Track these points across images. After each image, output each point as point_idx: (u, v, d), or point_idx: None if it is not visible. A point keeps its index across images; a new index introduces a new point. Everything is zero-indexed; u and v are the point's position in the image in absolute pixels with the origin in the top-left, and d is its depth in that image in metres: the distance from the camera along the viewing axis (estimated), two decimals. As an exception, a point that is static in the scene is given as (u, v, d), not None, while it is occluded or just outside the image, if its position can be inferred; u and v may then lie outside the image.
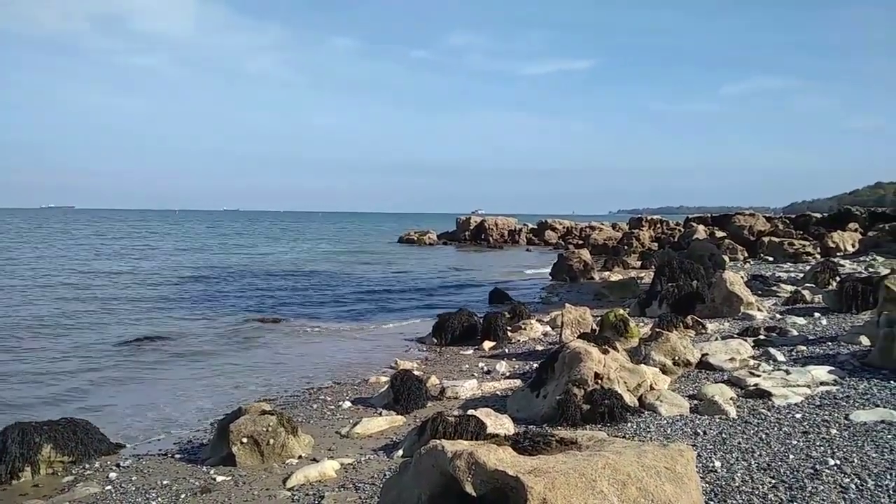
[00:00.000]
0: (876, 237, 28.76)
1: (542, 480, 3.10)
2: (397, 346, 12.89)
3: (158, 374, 10.66)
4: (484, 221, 54.67)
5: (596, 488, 3.12)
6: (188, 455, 6.80)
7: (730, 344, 9.21)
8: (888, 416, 6.12)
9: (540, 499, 3.04)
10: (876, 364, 8.01)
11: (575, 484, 3.11)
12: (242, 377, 10.51)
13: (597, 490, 3.12)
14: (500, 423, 6.45)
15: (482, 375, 9.72)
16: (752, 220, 35.08)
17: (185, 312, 17.16)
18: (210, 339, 13.71)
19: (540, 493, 3.05)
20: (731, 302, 12.72)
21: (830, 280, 15.73)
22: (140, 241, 52.64)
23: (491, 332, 12.35)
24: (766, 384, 7.33)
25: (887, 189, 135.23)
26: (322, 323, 15.86)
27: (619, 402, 6.68)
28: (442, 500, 3.38)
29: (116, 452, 6.96)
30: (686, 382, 8.08)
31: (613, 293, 17.73)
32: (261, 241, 57.70)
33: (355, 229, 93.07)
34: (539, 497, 3.04)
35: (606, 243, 40.99)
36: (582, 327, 10.88)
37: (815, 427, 5.99)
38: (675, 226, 44.11)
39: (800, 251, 26.49)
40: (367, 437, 7.10)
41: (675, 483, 3.29)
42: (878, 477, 4.76)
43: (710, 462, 5.25)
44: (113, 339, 13.41)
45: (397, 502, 3.71)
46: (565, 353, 7.36)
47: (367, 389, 9.24)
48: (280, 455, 6.37)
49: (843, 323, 11.04)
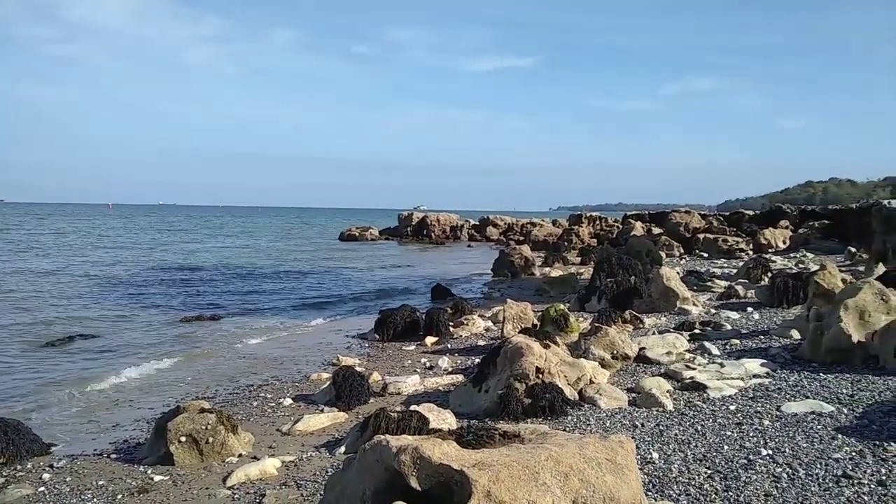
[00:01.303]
0: (806, 234, 29.76)
1: (487, 473, 3.11)
2: (339, 342, 12.79)
3: (92, 374, 10.35)
4: (426, 217, 54.62)
5: (539, 480, 3.15)
6: (124, 455, 6.63)
7: (666, 338, 9.42)
8: (818, 407, 6.33)
9: (484, 492, 3.05)
10: (806, 357, 8.29)
11: (519, 476, 3.14)
12: (179, 375, 10.29)
13: (540, 482, 3.15)
14: (443, 419, 6.46)
15: (425, 371, 9.72)
16: (687, 218, 35.87)
17: (118, 310, 16.72)
18: (146, 337, 13.38)
19: (484, 486, 3.06)
20: (668, 297, 12.99)
21: (762, 276, 16.18)
22: (71, 237, 51.09)
23: (433, 328, 12.35)
24: (701, 377, 7.51)
25: (817, 187, 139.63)
26: (262, 320, 15.65)
27: (559, 396, 6.77)
28: (387, 496, 3.37)
29: (49, 453, 6.75)
30: (624, 376, 8.23)
31: (554, 289, 17.92)
32: (198, 237, 56.56)
33: (296, 225, 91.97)
34: (483, 490, 3.06)
35: (547, 239, 41.43)
36: (523, 322, 10.97)
37: (749, 418, 6.17)
38: (613, 223, 44.76)
39: (733, 248, 27.21)
40: (308, 434, 7.04)
41: (615, 474, 3.35)
42: (809, 466, 4.93)
43: (649, 454, 5.36)
44: (42, 338, 12.99)
45: (341, 498, 3.69)
46: (507, 348, 7.41)
47: (309, 386, 9.16)
48: (220, 453, 6.27)
49: (775, 317, 11.38)
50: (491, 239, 50.28)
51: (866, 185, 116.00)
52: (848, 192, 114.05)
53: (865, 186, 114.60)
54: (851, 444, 5.31)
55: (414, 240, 51.66)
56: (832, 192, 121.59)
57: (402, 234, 53.90)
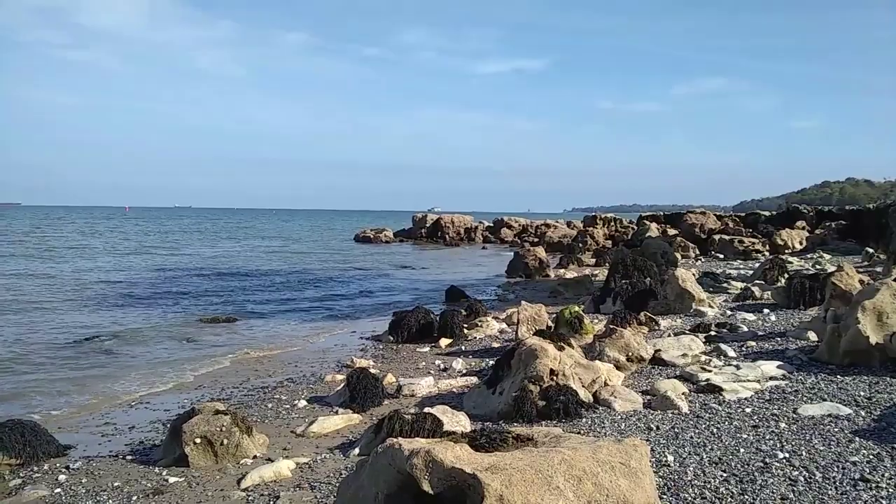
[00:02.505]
0: (823, 235, 29.57)
1: (499, 477, 3.10)
2: (353, 344, 12.81)
3: (109, 375, 10.43)
4: (440, 219, 54.64)
5: (552, 484, 3.14)
6: (140, 456, 6.67)
7: (682, 340, 9.36)
8: (835, 409, 6.28)
9: (497, 495, 3.04)
10: (823, 359, 8.22)
11: (531, 480, 3.13)
12: (195, 377, 10.35)
13: (553, 486, 3.13)
14: (457, 421, 6.46)
15: (439, 373, 9.71)
16: (703, 219, 35.70)
17: (136, 312, 16.83)
18: (162, 338, 13.46)
19: (497, 490, 3.05)
20: (683, 299, 12.93)
21: (779, 277, 16.07)
22: (87, 239, 51.48)
23: (447, 330, 12.34)
24: (717, 379, 7.47)
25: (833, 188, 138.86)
26: (277, 321, 15.71)
27: (574, 399, 6.75)
28: (399, 499, 3.37)
29: (65, 454, 6.79)
30: (639, 378, 8.19)
31: (568, 290, 17.88)
32: (214, 239, 56.88)
33: (311, 226, 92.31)
34: (496, 494, 3.05)
35: (561, 241, 41.32)
36: (537, 324, 10.95)
37: (765, 421, 6.12)
38: (628, 224, 44.63)
39: (749, 249, 27.04)
40: (322, 436, 7.05)
41: (629, 478, 3.33)
42: (826, 469, 4.89)
43: (664, 456, 5.32)
44: (61, 339, 13.09)
45: (354, 501, 3.69)
46: (521, 350, 7.39)
47: (323, 388, 9.17)
48: (234, 455, 6.29)
49: (792, 319, 11.30)
50: (505, 241, 50.21)
51: (884, 185, 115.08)
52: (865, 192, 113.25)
53: (883, 186, 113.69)
54: (869, 448, 5.26)
55: (428, 241, 51.68)
56: (849, 193, 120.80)
57: (417, 235, 53.92)
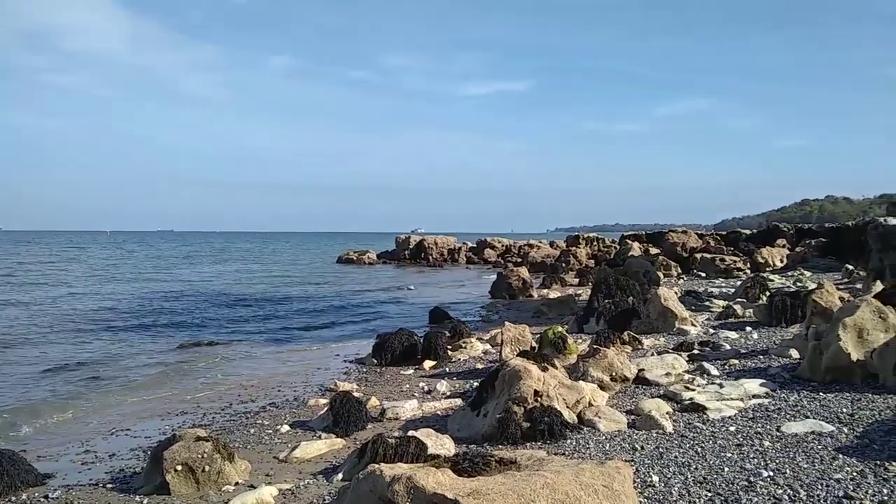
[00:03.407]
0: (803, 253, 29.84)
1: (482, 502, 3.08)
2: (336, 367, 12.74)
3: (88, 402, 10.30)
4: (423, 240, 54.65)
5: (536, 508, 3.12)
6: (120, 484, 6.56)
7: (665, 359, 9.38)
8: (818, 427, 6.29)
9: (480, 520, 3.02)
10: (805, 376, 8.26)
11: (515, 504, 3.10)
12: (177, 403, 10.22)
13: (537, 509, 3.11)
14: (441, 444, 6.41)
15: (423, 395, 9.67)
16: (684, 237, 35.97)
17: (115, 338, 16.66)
18: (143, 364, 13.32)
19: (480, 515, 3.03)
20: (666, 317, 12.97)
21: (760, 295, 16.15)
22: (69, 265, 51.04)
23: (431, 352, 12.30)
24: (700, 398, 7.47)
25: (813, 206, 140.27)
26: (259, 346, 15.60)
27: (558, 420, 6.73)
28: (381, 525, 3.34)
29: (44, 483, 6.67)
30: (623, 398, 8.18)
31: (552, 310, 17.90)
32: (196, 263, 56.53)
33: (294, 249, 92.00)
34: (479, 519, 3.02)
35: (544, 261, 41.46)
36: (521, 345, 10.93)
37: (749, 439, 6.12)
38: (611, 243, 44.81)
39: (731, 267, 27.26)
40: (306, 461, 6.97)
41: (612, 500, 3.32)
42: (810, 487, 4.89)
43: (648, 476, 5.31)
44: (38, 366, 12.92)
45: (336, 528, 3.65)
46: (505, 371, 7.37)
47: (307, 412, 9.10)
48: (216, 482, 6.20)
49: (774, 336, 11.35)
50: (489, 261, 50.25)
51: (862, 203, 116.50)
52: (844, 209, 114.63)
53: (861, 204, 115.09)
54: (852, 464, 5.26)
55: (412, 263, 51.64)
56: (828, 210, 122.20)
57: (400, 257, 53.88)
